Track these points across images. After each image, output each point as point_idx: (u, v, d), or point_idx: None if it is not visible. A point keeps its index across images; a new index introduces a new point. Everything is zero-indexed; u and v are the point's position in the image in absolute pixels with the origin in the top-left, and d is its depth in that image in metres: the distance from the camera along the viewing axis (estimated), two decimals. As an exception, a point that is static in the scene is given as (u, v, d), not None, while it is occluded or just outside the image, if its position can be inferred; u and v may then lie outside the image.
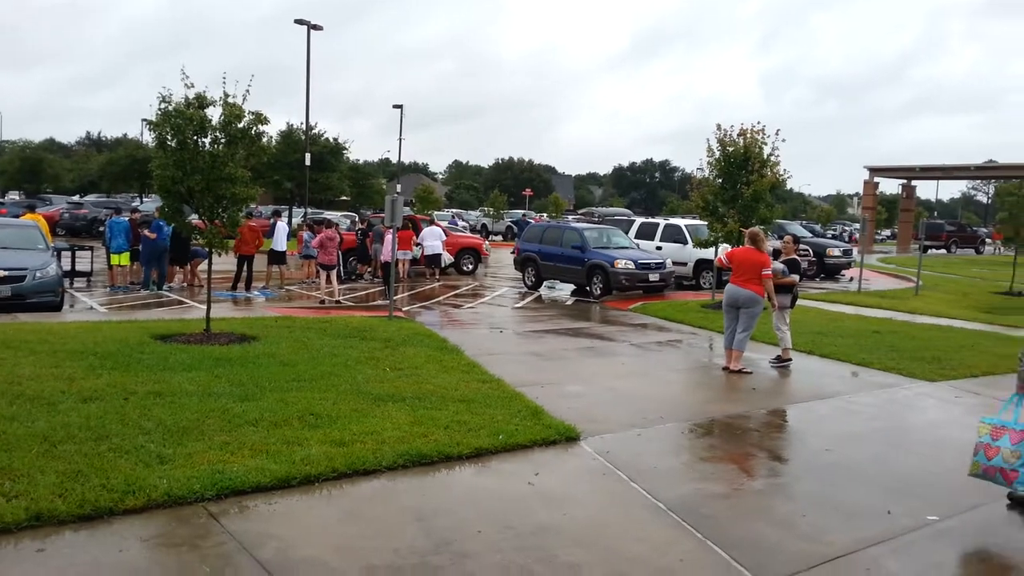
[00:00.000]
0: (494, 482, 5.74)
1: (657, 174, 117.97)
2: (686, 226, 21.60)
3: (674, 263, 20.04)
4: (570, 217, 44.22)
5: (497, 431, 6.58)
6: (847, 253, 27.28)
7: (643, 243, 21.28)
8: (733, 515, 5.37)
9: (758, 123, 15.73)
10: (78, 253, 18.52)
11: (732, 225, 15.33)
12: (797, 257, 11.23)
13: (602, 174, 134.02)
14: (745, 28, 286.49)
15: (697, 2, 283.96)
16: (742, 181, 15.54)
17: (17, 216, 19.37)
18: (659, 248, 21.26)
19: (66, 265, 17.07)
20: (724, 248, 14.42)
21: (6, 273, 12.35)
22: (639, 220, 24.51)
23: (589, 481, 5.92)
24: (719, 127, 15.84)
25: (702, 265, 20.42)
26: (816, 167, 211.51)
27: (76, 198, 47.52)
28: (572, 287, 19.85)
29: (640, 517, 5.27)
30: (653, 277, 18.38)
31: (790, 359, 10.56)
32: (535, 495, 5.52)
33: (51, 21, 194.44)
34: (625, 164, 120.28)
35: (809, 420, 8.01)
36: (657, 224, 22.86)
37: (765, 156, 15.69)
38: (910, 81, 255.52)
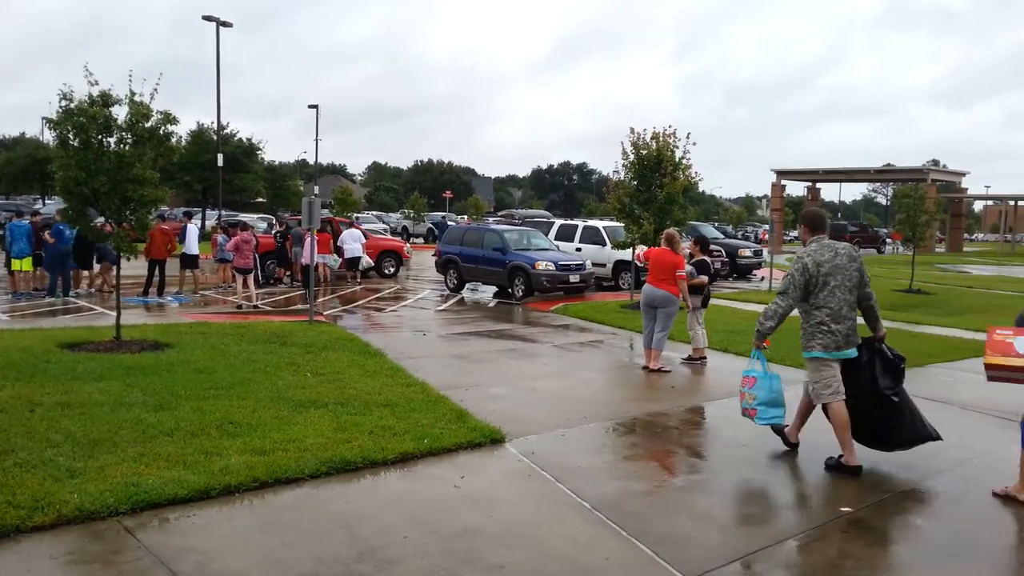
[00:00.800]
0: (420, 486, 5.72)
1: (575, 176, 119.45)
2: (604, 228, 21.96)
3: (593, 264, 20.32)
4: (490, 219, 44.35)
5: (422, 435, 6.57)
6: (758, 253, 28.24)
7: (563, 245, 21.53)
8: (656, 511, 5.49)
9: (670, 127, 16.16)
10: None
11: (647, 227, 15.67)
12: (707, 259, 11.55)
13: (522, 176, 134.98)
14: (662, 35, 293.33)
15: (616, 9, 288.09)
16: (656, 183, 15.90)
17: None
18: (579, 250, 21.54)
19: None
20: (642, 248, 14.75)
21: None
22: (558, 222, 24.80)
23: (515, 482, 5.96)
24: (632, 130, 16.19)
25: (620, 266, 20.78)
26: (727, 170, 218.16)
27: (-31, 200, 45.04)
28: (494, 289, 19.92)
29: (565, 516, 5.34)
30: (574, 278, 18.60)
31: (704, 357, 10.87)
32: (461, 498, 5.52)
33: None
34: (544, 166, 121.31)
35: (725, 416, 8.23)
36: (576, 226, 23.17)
37: (677, 159, 16.12)
38: (817, 88, 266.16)
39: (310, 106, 49.53)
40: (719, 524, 5.28)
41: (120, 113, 9.79)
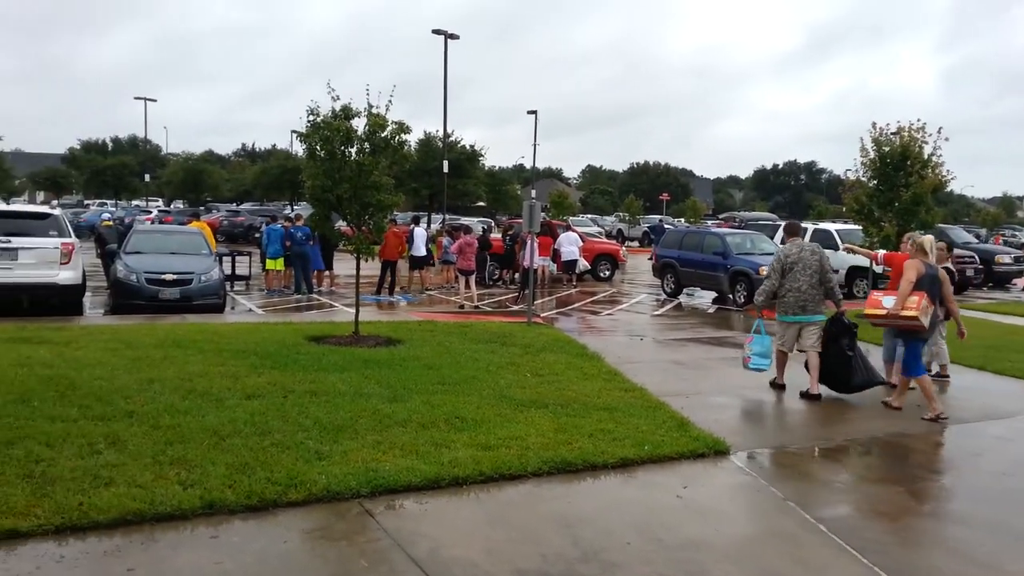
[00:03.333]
0: (641, 493, 5.62)
1: (803, 176, 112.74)
2: (837, 231, 20.58)
3: (824, 270, 19.09)
4: (710, 222, 43.11)
5: (642, 441, 6.46)
6: (1019, 260, 25.14)
7: (789, 249, 20.40)
8: (900, 540, 5.02)
9: (918, 120, 14.80)
10: (237, 258, 19.75)
11: (888, 229, 14.47)
12: (951, 267, 10.43)
13: (743, 177, 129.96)
14: (929, 22, 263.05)
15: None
16: (900, 183, 14.64)
17: (183, 224, 20.90)
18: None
19: (227, 269, 18.23)
20: (881, 251, 13.63)
21: (175, 277, 13.31)
22: (784, 224, 23.57)
23: (741, 496, 5.70)
24: (874, 125, 15.02)
25: (855, 272, 19.39)
26: (982, 166, 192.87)
27: (233, 206, 50.90)
28: (713, 295, 19.32)
29: (797, 537, 5.02)
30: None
31: (947, 376, 9.84)
32: (684, 508, 5.36)
33: (226, 41, 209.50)
34: (768, 166, 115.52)
35: (982, 441, 7.40)
36: (805, 229, 21.89)
37: (925, 156, 14.73)
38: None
39: (529, 112, 50.85)
40: (978, 560, 4.71)
41: (359, 125, 10.56)
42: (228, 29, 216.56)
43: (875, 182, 15.05)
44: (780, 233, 21.98)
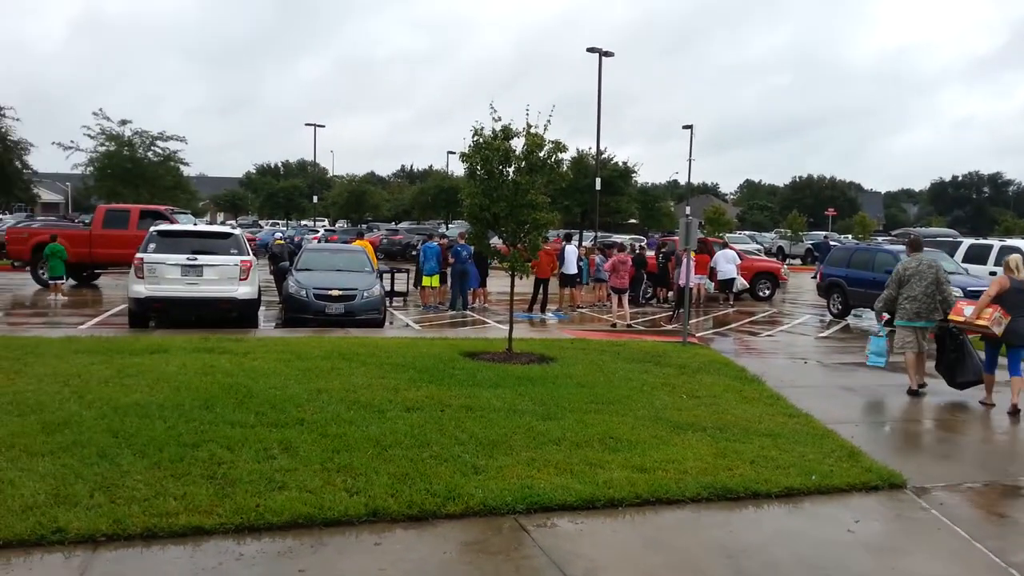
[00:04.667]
0: (808, 525, 5.31)
1: (986, 189, 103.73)
2: (1028, 249, 18.79)
3: (1011, 291, 17.52)
4: (881, 239, 40.59)
5: (809, 471, 6.11)
6: None
7: (972, 268, 18.84)
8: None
9: None
10: (396, 275, 20.56)
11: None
12: None
13: (917, 190, 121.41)
14: None
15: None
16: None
17: (347, 242, 22.02)
18: (992, 274, 18.67)
19: (386, 286, 19.02)
20: None
21: (340, 292, 14.01)
22: (967, 241, 21.80)
23: (920, 534, 5.27)
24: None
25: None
26: None
27: (392, 225, 53.20)
28: (885, 316, 18.10)
29: (988, 583, 4.56)
30: (984, 307, 16.14)
31: None
32: (856, 543, 5.01)
33: (396, 68, 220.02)
34: (947, 179, 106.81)
35: None
36: (991, 246, 20.14)
37: None
38: None
39: (684, 126, 50.09)
40: None
41: (518, 144, 10.73)
42: (401, 57, 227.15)
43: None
44: (962, 250, 20.42)
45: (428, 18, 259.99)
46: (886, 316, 10.11)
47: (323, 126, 61.70)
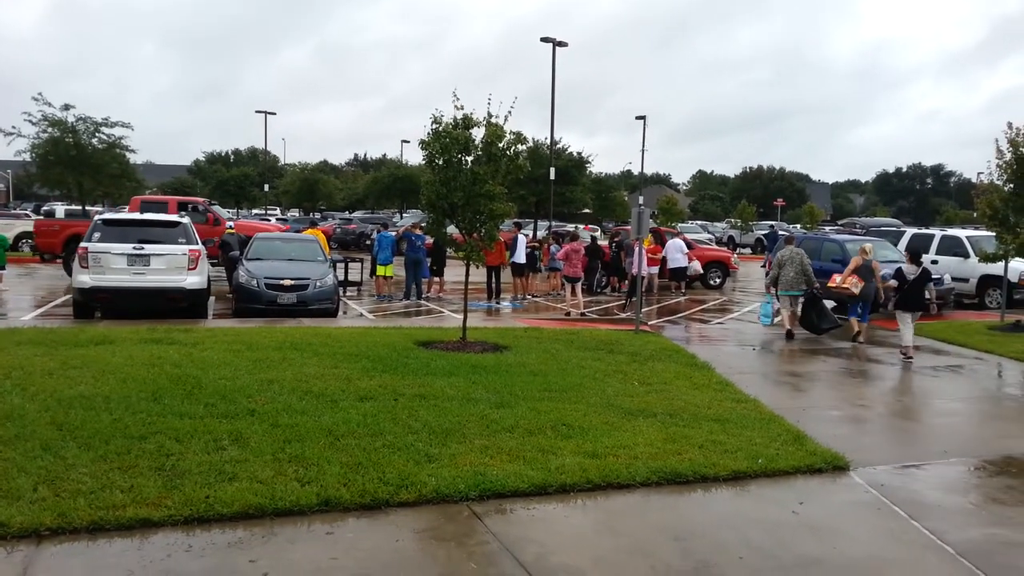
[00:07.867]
0: (754, 507, 5.45)
1: (929, 180, 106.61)
2: (967, 237, 19.38)
3: (953, 279, 18.07)
4: (828, 229, 41.42)
5: (755, 454, 6.26)
6: None
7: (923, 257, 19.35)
8: (1042, 569, 4.66)
9: (1062, 120, 13.80)
10: (349, 264, 20.37)
11: (1025, 236, 13.60)
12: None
13: (864, 181, 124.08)
14: None
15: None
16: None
17: (299, 231, 21.75)
18: (935, 262, 19.22)
19: (340, 275, 18.84)
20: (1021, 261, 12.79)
21: (292, 282, 13.86)
22: (910, 231, 22.38)
23: (861, 515, 5.43)
24: (1010, 126, 14.09)
25: (988, 282, 18.20)
26: None
27: (346, 214, 52.64)
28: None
29: (924, 560, 4.74)
30: (927, 294, 16.62)
31: None
32: (800, 525, 5.16)
33: (379, 57, 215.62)
34: (891, 170, 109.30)
35: None
36: (932, 235, 20.72)
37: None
38: None
39: (637, 117, 50.23)
40: None
41: (478, 134, 10.69)
42: (382, 46, 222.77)
43: (1011, 186, 14.12)
44: (905, 240, 20.97)
45: (413, 8, 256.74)
46: (772, 289, 14.04)
47: (274, 113, 60.47)
